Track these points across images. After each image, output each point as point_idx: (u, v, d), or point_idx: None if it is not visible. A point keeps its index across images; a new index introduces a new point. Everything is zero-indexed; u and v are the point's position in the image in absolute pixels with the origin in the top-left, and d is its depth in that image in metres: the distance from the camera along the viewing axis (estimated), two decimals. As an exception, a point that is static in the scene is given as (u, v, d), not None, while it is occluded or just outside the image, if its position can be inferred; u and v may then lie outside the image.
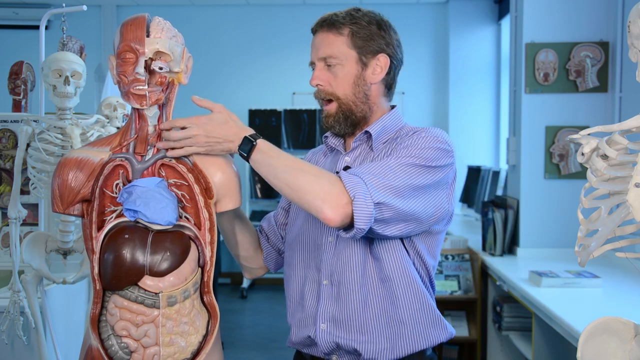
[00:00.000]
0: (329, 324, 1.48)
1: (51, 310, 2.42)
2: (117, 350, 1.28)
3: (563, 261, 3.17)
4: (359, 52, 1.49)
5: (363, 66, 1.50)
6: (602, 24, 3.37)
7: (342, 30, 1.49)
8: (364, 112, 1.52)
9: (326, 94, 1.51)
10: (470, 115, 6.36)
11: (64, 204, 1.34)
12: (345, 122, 1.51)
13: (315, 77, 1.51)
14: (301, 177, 1.34)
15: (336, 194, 1.31)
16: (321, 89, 1.51)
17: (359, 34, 1.49)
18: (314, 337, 1.50)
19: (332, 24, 1.50)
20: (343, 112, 1.50)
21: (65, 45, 2.50)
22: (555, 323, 2.35)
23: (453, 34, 6.44)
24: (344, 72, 1.49)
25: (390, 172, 1.37)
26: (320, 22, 1.52)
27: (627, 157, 0.99)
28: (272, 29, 6.78)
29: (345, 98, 1.50)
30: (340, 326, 1.47)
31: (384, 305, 1.47)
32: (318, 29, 1.53)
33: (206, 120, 1.35)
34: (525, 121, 3.45)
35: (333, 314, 1.48)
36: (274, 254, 1.69)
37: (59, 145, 2.25)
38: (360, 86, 1.50)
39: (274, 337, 4.84)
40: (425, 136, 1.44)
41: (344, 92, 1.49)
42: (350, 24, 1.49)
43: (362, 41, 1.49)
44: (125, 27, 1.31)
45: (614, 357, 1.04)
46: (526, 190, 3.47)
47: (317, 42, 1.52)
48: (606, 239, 1.02)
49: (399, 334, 1.47)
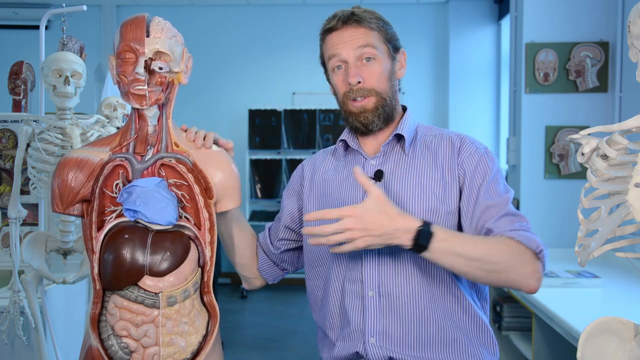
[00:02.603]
0: (379, 337, 1.41)
1: (51, 310, 2.42)
2: (117, 350, 1.28)
3: (563, 261, 3.17)
4: (390, 46, 1.48)
5: (393, 61, 1.49)
6: (602, 24, 3.37)
7: (371, 25, 1.45)
8: (394, 107, 1.51)
9: (367, 90, 1.45)
10: (470, 115, 6.36)
11: (64, 204, 1.34)
12: (384, 117, 1.48)
13: (355, 74, 1.44)
14: (495, 258, 1.32)
15: (532, 263, 1.35)
16: (361, 86, 1.45)
17: (386, 28, 1.48)
18: (362, 353, 1.42)
19: (360, 19, 1.45)
20: (382, 107, 1.47)
21: (65, 45, 2.50)
22: (555, 323, 2.35)
23: (453, 34, 6.44)
24: (381, 67, 1.46)
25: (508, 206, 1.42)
26: (344, 18, 1.46)
27: (627, 157, 0.99)
28: (272, 29, 6.78)
29: (384, 93, 1.47)
30: (392, 339, 1.41)
31: (436, 317, 1.41)
32: (343, 25, 1.45)
33: (362, 212, 1.25)
34: (525, 121, 3.45)
35: (383, 327, 1.41)
36: (268, 265, 1.63)
37: (59, 145, 2.25)
38: (392, 82, 1.49)
39: (274, 337, 4.84)
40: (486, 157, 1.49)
41: (383, 87, 1.47)
42: (377, 20, 1.47)
43: (390, 36, 1.48)
44: (125, 27, 1.31)
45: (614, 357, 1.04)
46: (526, 190, 3.47)
47: (348, 36, 1.45)
48: (606, 239, 1.02)
49: (453, 349, 1.41)
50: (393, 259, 1.42)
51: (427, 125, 1.58)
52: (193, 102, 6.49)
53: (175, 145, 1.36)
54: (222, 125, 6.70)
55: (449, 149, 1.48)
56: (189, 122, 1.47)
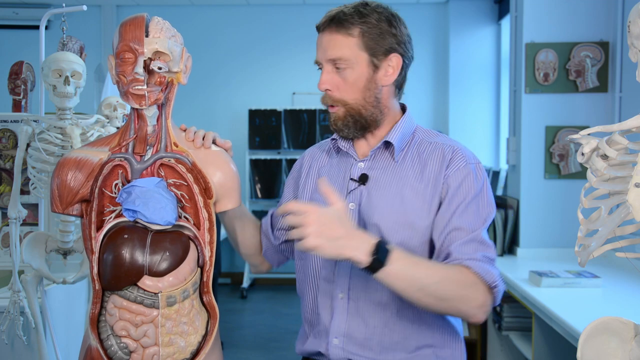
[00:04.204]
0: (342, 339, 1.42)
1: (51, 310, 2.42)
2: (117, 350, 1.28)
3: (563, 261, 3.17)
4: (371, 53, 1.40)
5: (374, 68, 1.41)
6: (602, 24, 3.37)
7: (351, 31, 1.39)
8: (374, 115, 1.44)
9: (334, 100, 1.42)
10: (470, 115, 6.36)
11: (63, 204, 1.34)
12: (355, 126, 1.44)
13: (324, 82, 1.42)
14: (447, 287, 1.30)
15: (482, 295, 1.33)
16: (329, 94, 1.42)
17: (370, 33, 1.39)
18: (325, 352, 1.44)
19: (340, 23, 1.39)
20: (352, 116, 1.42)
21: (65, 45, 2.50)
22: (555, 323, 2.35)
23: (453, 34, 6.44)
24: (354, 76, 1.40)
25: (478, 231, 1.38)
26: (328, 19, 1.41)
27: (627, 157, 0.99)
28: (272, 29, 6.78)
29: (354, 103, 1.41)
30: (355, 342, 1.41)
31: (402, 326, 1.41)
32: (325, 28, 1.42)
33: (322, 213, 1.23)
34: (525, 121, 3.45)
35: (348, 330, 1.42)
36: (271, 251, 1.61)
37: (59, 145, 2.24)
38: (371, 90, 1.42)
39: (274, 337, 4.84)
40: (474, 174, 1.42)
41: (354, 97, 1.41)
42: (360, 23, 1.39)
43: (373, 42, 1.39)
44: (124, 27, 1.30)
45: (614, 357, 1.04)
46: (526, 190, 3.47)
47: (325, 43, 1.41)
48: (606, 239, 1.02)
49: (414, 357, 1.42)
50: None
51: (427, 129, 1.52)
52: (193, 102, 6.49)
53: (174, 145, 1.36)
54: (222, 125, 6.70)
55: (439, 160, 1.43)
56: (189, 122, 1.48)
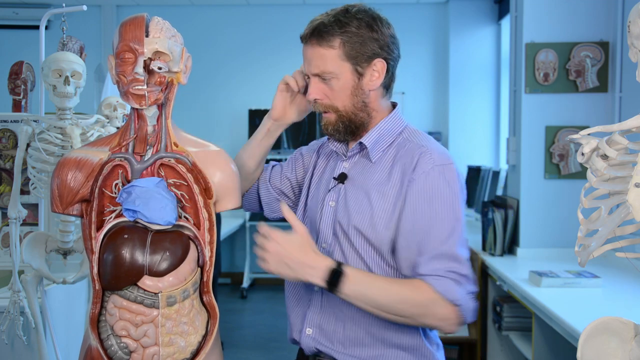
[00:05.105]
0: (314, 329, 1.48)
1: (51, 310, 2.42)
2: (117, 350, 1.28)
3: (563, 261, 3.17)
4: (353, 62, 1.42)
5: (359, 76, 1.43)
6: (602, 24, 3.37)
7: (332, 43, 1.41)
8: (362, 119, 1.47)
9: (325, 107, 1.46)
10: (470, 115, 6.36)
11: (63, 204, 1.34)
12: (345, 131, 1.47)
13: (312, 93, 1.46)
14: (404, 306, 1.35)
15: (445, 309, 1.34)
16: (319, 102, 1.46)
17: (350, 42, 1.41)
18: (298, 340, 1.52)
19: (320, 35, 1.42)
20: (343, 122, 1.46)
21: (65, 45, 2.50)
22: (555, 323, 2.35)
23: (453, 34, 6.44)
24: (340, 85, 1.43)
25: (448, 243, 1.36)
26: (310, 31, 1.44)
27: (627, 157, 0.99)
28: (272, 29, 6.78)
29: (344, 110, 1.45)
30: (324, 334, 1.47)
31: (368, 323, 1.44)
32: (307, 40, 1.45)
33: (285, 241, 1.34)
34: (525, 121, 3.45)
35: (320, 322, 1.48)
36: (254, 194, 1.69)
37: (59, 145, 2.24)
38: (358, 96, 1.45)
39: (274, 337, 4.84)
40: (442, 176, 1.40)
41: (343, 103, 1.45)
42: (340, 34, 1.40)
43: (354, 50, 1.41)
44: (124, 27, 1.30)
45: (614, 357, 1.04)
46: (526, 190, 3.47)
47: (309, 56, 1.45)
48: (606, 239, 1.02)
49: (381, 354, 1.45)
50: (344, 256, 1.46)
51: (415, 130, 1.52)
52: (193, 102, 6.49)
53: (174, 145, 1.36)
54: (222, 125, 6.70)
55: (407, 160, 1.43)
56: (189, 122, 1.48)
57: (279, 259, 1.33)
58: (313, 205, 1.56)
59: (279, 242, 1.33)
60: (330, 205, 1.49)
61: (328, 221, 1.49)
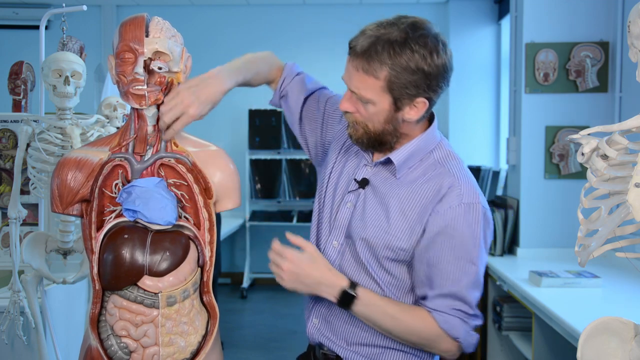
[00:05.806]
0: (320, 320, 1.51)
1: (51, 310, 2.42)
2: (117, 350, 1.28)
3: (563, 261, 3.17)
4: (395, 97, 1.34)
5: (397, 109, 1.36)
6: (602, 24, 3.37)
7: (378, 73, 1.32)
8: (389, 140, 1.41)
9: (355, 121, 1.40)
10: (470, 115, 6.36)
11: (63, 204, 1.34)
12: (369, 145, 1.43)
13: (345, 105, 1.40)
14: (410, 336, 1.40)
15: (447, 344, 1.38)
16: (351, 115, 1.41)
17: (397, 78, 1.32)
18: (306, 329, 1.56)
19: (368, 61, 1.32)
20: (369, 139, 1.41)
21: (65, 45, 2.50)
22: (555, 323, 2.35)
23: (453, 34, 6.44)
24: (375, 110, 1.36)
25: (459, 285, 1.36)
26: (360, 49, 1.33)
27: (627, 157, 0.99)
28: (272, 29, 6.78)
29: (373, 130, 1.39)
30: (328, 326, 1.50)
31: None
32: (354, 57, 1.35)
33: (299, 260, 1.38)
34: (525, 121, 3.45)
35: (326, 314, 1.50)
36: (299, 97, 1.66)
37: (59, 145, 2.24)
38: (391, 122, 1.38)
39: (274, 337, 4.84)
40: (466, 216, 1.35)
41: (374, 126, 1.39)
42: (390, 66, 1.31)
43: (399, 88, 1.33)
44: (124, 27, 1.30)
45: (614, 357, 1.04)
46: (526, 190, 3.47)
47: (351, 71, 1.36)
48: (606, 239, 1.02)
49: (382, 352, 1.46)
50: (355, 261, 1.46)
51: (448, 150, 1.45)
52: (193, 102, 6.48)
53: (174, 145, 1.36)
54: (222, 125, 6.70)
55: (435, 189, 1.38)
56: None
57: (295, 278, 1.38)
58: (331, 193, 1.52)
59: (293, 261, 1.37)
60: (348, 207, 1.47)
61: (344, 222, 1.47)
